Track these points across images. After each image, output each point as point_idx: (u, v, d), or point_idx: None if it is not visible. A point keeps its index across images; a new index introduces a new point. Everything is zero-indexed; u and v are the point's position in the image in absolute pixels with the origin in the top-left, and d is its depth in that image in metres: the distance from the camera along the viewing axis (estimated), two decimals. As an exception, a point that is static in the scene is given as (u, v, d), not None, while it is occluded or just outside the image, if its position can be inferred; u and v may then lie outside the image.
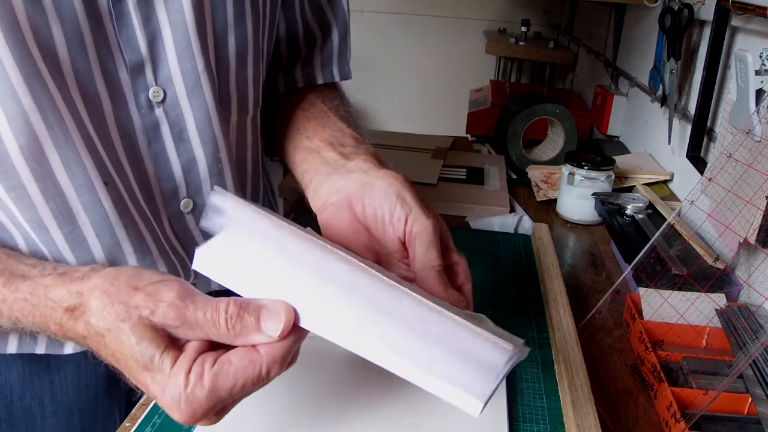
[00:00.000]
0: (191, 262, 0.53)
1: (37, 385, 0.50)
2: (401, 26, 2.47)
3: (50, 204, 0.47)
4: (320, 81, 0.68)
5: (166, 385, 0.35)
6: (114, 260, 0.51)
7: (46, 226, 0.48)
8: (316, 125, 0.60)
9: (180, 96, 0.52)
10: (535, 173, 1.08)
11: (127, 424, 0.50)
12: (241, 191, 0.61)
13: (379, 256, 0.49)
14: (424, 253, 0.46)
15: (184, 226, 0.57)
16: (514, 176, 1.16)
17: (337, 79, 0.69)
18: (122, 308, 0.37)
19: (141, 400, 0.53)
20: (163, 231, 0.55)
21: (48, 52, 0.44)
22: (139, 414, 0.50)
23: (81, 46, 0.46)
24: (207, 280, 0.58)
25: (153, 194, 0.54)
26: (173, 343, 0.37)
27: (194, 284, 0.58)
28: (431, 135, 1.42)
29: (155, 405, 0.51)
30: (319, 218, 0.52)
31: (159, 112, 0.51)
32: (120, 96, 0.49)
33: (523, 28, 2.03)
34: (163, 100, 0.51)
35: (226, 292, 0.52)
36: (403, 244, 0.47)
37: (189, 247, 0.57)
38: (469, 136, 1.51)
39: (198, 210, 0.56)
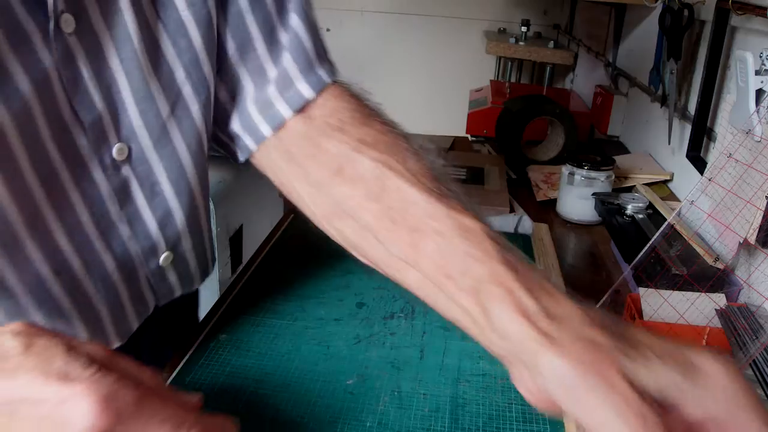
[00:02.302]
0: (157, 300, 0.54)
1: None
2: (401, 26, 2.47)
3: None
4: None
5: None
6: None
7: None
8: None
9: (146, 148, 0.47)
10: (535, 173, 1.08)
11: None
12: (207, 220, 0.58)
13: None
14: None
15: (164, 279, 0.54)
16: (514, 176, 1.16)
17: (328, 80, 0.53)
18: None
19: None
20: (137, 291, 0.51)
21: None
22: (139, 414, 0.50)
23: (31, 122, 0.40)
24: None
25: (129, 256, 0.50)
26: None
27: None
28: (431, 135, 1.42)
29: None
30: None
31: (126, 170, 0.47)
32: (80, 164, 0.44)
33: (523, 28, 2.03)
34: (129, 157, 0.47)
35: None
36: None
37: (161, 297, 0.55)
38: (469, 136, 1.51)
39: (178, 259, 0.54)
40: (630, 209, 0.89)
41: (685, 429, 0.32)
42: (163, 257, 0.52)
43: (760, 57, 0.73)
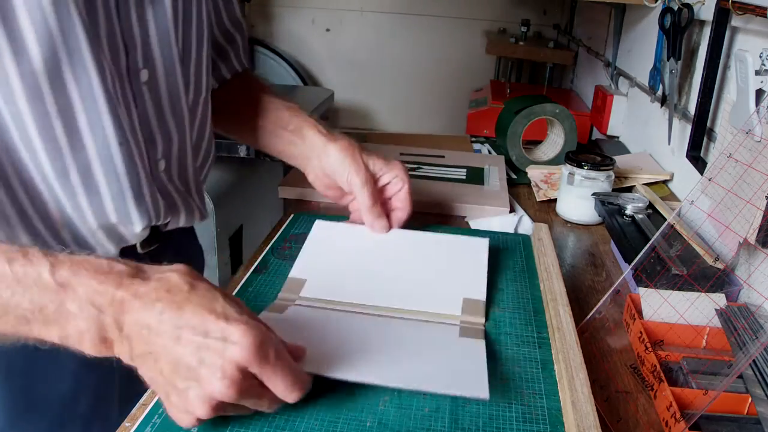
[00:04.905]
0: (170, 210, 0.67)
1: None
2: (401, 26, 2.47)
3: (74, 154, 0.56)
4: (239, 70, 0.86)
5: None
6: (119, 207, 0.60)
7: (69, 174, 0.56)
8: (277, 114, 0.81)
9: (159, 77, 0.63)
10: (535, 173, 1.08)
11: (127, 424, 0.50)
12: (194, 157, 0.72)
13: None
14: (359, 199, 0.74)
15: (162, 184, 0.67)
16: (514, 176, 1.16)
17: (247, 66, 0.87)
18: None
19: (141, 400, 0.53)
20: (138, 189, 0.63)
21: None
22: (139, 414, 0.50)
23: (98, 38, 0.55)
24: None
25: (133, 154, 0.62)
26: None
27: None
28: (431, 135, 1.42)
29: (155, 405, 0.51)
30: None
31: (144, 88, 0.62)
32: (120, 77, 0.59)
33: (523, 28, 2.03)
34: (148, 80, 0.62)
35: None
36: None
37: (168, 200, 0.67)
38: (469, 136, 1.51)
39: (169, 171, 0.67)
40: (630, 209, 0.89)
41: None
42: (160, 162, 0.65)
43: (760, 57, 0.73)
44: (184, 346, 0.43)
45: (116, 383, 0.69)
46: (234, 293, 0.69)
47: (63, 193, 0.57)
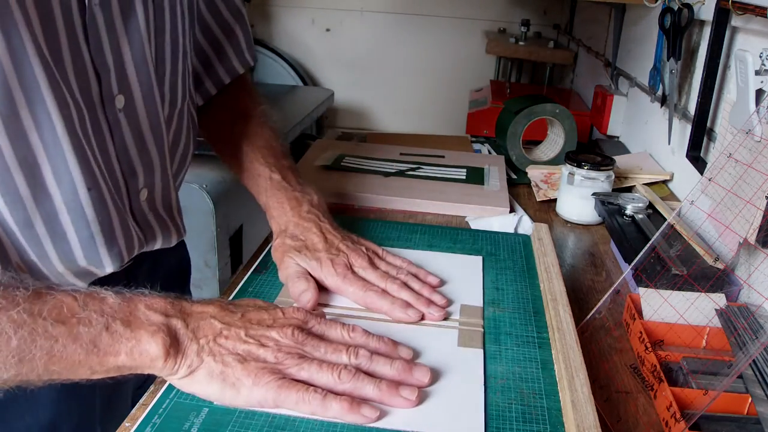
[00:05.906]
0: (146, 240, 0.65)
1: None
2: (401, 26, 2.47)
3: (38, 204, 0.52)
4: (240, 71, 0.80)
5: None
6: (89, 253, 0.57)
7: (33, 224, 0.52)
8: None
9: (137, 101, 0.59)
10: (535, 173, 1.08)
11: (127, 424, 0.50)
12: (170, 164, 0.67)
13: None
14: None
15: (143, 214, 0.64)
16: (514, 176, 1.16)
17: (251, 63, 0.82)
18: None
19: (141, 400, 0.53)
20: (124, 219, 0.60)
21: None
22: (139, 414, 0.50)
23: (60, 65, 0.50)
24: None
25: (117, 185, 0.59)
26: None
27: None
28: (431, 135, 1.42)
29: (155, 405, 0.51)
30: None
31: (121, 116, 0.58)
32: (90, 106, 0.55)
33: (523, 28, 2.03)
34: (124, 106, 0.57)
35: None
36: None
37: (146, 230, 0.64)
38: (469, 136, 1.51)
39: (150, 200, 0.65)
40: (630, 209, 0.89)
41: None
42: (142, 192, 0.62)
43: (760, 57, 0.73)
44: (251, 320, 0.52)
45: (97, 408, 0.67)
46: (234, 293, 0.69)
47: (26, 241, 0.53)
